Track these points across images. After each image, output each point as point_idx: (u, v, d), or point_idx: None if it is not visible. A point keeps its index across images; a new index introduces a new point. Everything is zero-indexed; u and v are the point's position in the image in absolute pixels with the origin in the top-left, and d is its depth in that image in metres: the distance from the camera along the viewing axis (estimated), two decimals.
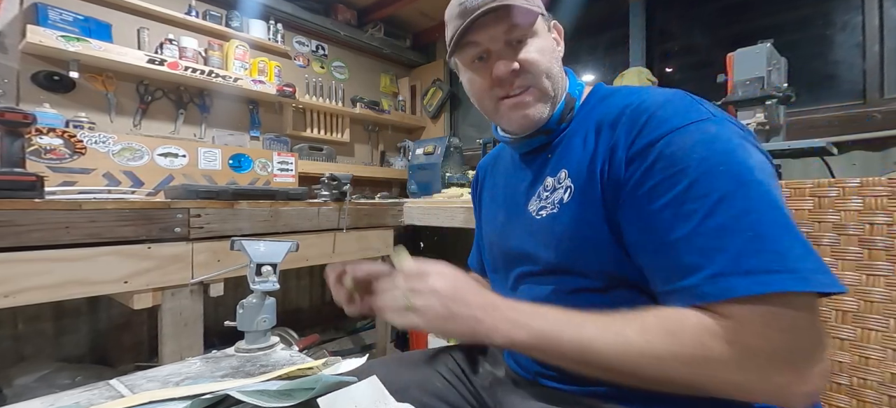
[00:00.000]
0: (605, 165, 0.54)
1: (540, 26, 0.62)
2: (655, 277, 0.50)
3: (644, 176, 0.50)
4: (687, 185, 0.46)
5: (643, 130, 0.51)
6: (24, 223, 1.02)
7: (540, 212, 0.62)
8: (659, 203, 0.48)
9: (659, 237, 0.48)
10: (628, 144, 0.52)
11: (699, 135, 0.48)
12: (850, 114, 1.61)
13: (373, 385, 0.53)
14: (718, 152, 0.47)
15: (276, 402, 0.47)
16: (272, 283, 0.72)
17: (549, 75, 0.62)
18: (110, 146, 1.63)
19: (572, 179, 0.58)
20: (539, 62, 0.60)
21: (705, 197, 0.45)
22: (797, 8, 1.80)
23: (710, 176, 0.46)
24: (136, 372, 0.62)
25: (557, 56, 0.65)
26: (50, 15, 1.65)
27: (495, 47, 0.61)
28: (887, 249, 0.64)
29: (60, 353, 1.65)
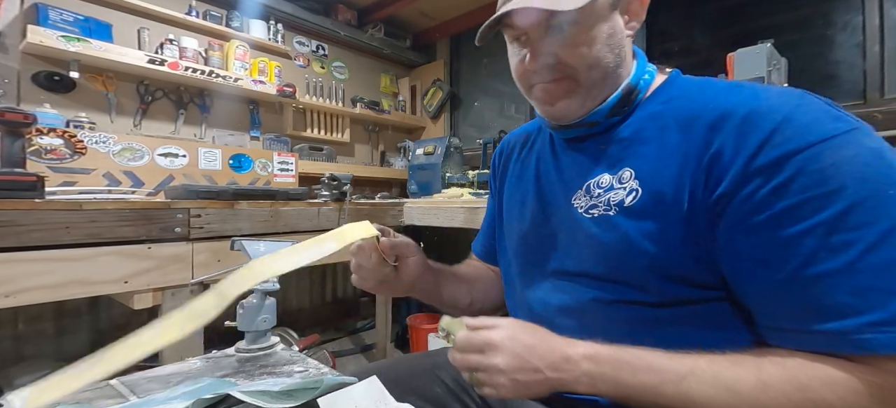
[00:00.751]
0: (700, 173, 0.46)
1: (597, 8, 0.52)
2: (774, 314, 0.42)
3: (774, 194, 0.41)
4: (842, 209, 0.38)
5: (772, 137, 0.42)
6: (25, 223, 1.02)
7: (590, 211, 0.54)
8: (796, 229, 0.40)
9: (791, 269, 0.40)
10: (749, 153, 0.43)
11: (855, 149, 0.40)
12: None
13: (373, 385, 0.53)
14: (883, 172, 0.39)
15: (278, 402, 0.47)
16: (272, 283, 0.72)
17: (596, 66, 0.53)
18: (111, 146, 1.63)
19: (640, 181, 0.51)
20: (581, 55, 0.52)
21: (867, 226, 0.37)
22: (797, 8, 1.80)
23: (874, 200, 0.38)
24: (137, 372, 0.62)
25: (615, 43, 0.53)
26: (50, 15, 1.65)
27: (534, 35, 0.54)
28: None
29: (61, 353, 1.65)
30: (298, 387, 0.50)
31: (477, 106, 2.95)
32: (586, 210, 0.55)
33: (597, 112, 0.55)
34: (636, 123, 0.55)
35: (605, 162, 0.55)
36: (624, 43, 0.55)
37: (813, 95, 0.46)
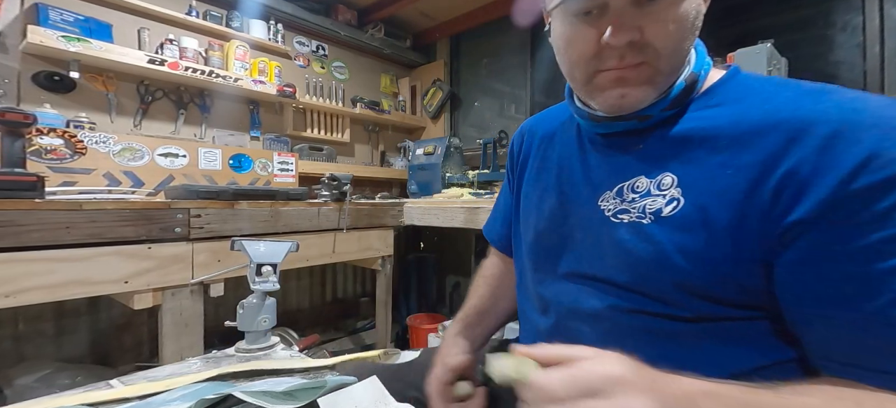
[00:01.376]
0: (766, 192, 0.40)
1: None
2: (848, 349, 0.38)
3: (872, 224, 0.36)
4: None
5: (875, 157, 0.36)
6: (25, 223, 1.02)
7: (619, 215, 0.49)
8: (890, 263, 0.35)
9: (882, 304, 0.35)
10: (842, 175, 0.37)
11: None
12: None
13: (373, 385, 0.53)
14: None
15: (280, 402, 0.47)
16: (272, 283, 0.72)
17: (678, 50, 0.46)
18: (111, 146, 1.63)
19: (684, 190, 0.45)
20: (671, 36, 0.44)
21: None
22: (797, 8, 1.80)
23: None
24: (137, 372, 0.62)
25: (697, 25, 0.46)
26: (50, 15, 1.65)
27: (618, 5, 0.44)
28: None
29: (61, 353, 1.65)
30: (300, 387, 0.50)
31: (477, 106, 2.95)
32: (615, 214, 0.50)
33: (656, 104, 0.48)
34: (687, 123, 0.48)
35: (644, 164, 0.49)
36: (697, 30, 0.47)
37: (869, 96, 0.39)
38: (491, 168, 2.36)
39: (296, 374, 0.59)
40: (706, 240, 0.43)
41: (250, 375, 0.58)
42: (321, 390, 0.49)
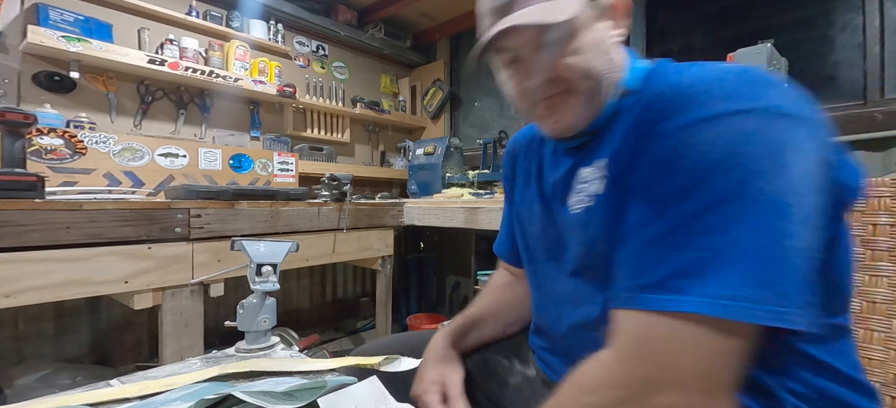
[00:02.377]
0: (628, 156, 0.49)
1: (583, 19, 0.52)
2: (616, 277, 0.47)
3: (646, 168, 0.45)
4: (681, 188, 0.41)
5: (666, 115, 0.44)
6: (25, 223, 1.02)
7: (575, 207, 0.56)
8: (648, 196, 0.44)
9: (634, 232, 0.45)
10: (647, 129, 0.46)
11: (724, 131, 0.40)
12: (850, 114, 1.61)
13: (373, 385, 0.53)
14: (734, 156, 0.40)
15: (280, 403, 0.47)
16: (272, 283, 0.72)
17: (592, 74, 0.53)
18: (111, 146, 1.63)
19: (609, 167, 0.52)
20: (575, 67, 0.52)
21: (687, 203, 0.40)
22: (798, 8, 1.80)
23: (706, 183, 0.40)
24: (137, 372, 0.62)
25: (606, 47, 0.54)
26: (51, 15, 1.66)
27: (526, 54, 0.54)
28: (890, 250, 0.64)
29: (61, 353, 1.65)
30: (300, 388, 0.50)
31: (477, 106, 2.95)
32: (574, 206, 0.56)
33: (597, 120, 0.55)
34: (616, 122, 0.55)
35: (588, 157, 0.56)
36: (612, 49, 0.55)
37: (745, 70, 0.45)
38: (491, 168, 2.36)
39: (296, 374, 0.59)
40: (621, 201, 0.49)
41: (250, 375, 0.58)
42: (321, 390, 0.49)
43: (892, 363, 0.64)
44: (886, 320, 0.64)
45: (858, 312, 0.67)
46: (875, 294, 0.66)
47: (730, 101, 0.41)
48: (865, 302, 0.67)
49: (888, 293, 0.64)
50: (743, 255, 0.38)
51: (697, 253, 0.39)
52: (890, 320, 0.64)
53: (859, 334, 0.67)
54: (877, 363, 0.65)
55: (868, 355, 0.66)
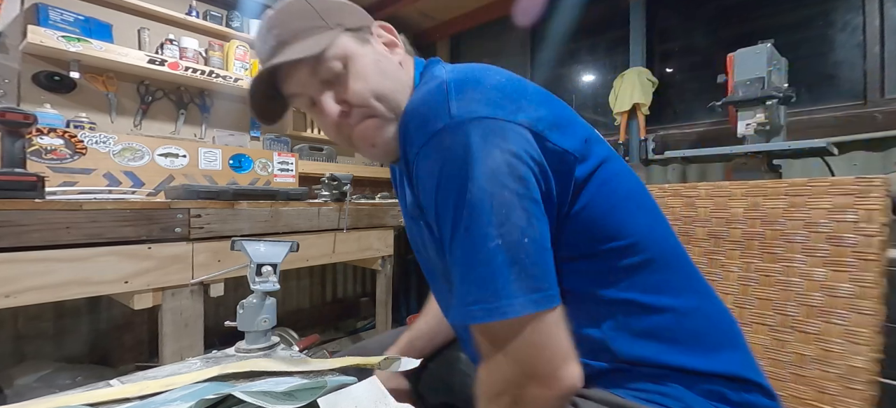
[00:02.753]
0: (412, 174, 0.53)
1: (350, 47, 0.55)
2: None
3: (415, 194, 0.51)
4: (435, 215, 0.48)
5: (406, 144, 0.50)
6: (25, 223, 1.02)
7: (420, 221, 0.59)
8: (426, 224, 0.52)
9: None
10: (405, 157, 0.52)
11: (434, 156, 0.46)
12: (850, 114, 1.61)
13: (373, 385, 0.53)
14: (446, 177, 0.45)
15: (280, 403, 0.47)
16: (272, 283, 0.72)
17: (381, 96, 0.54)
18: (111, 146, 1.63)
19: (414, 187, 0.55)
20: (361, 89, 0.54)
21: (443, 227, 0.47)
22: (798, 8, 1.80)
23: (442, 206, 0.46)
24: (137, 372, 0.62)
25: (385, 68, 0.56)
26: (51, 15, 1.66)
27: (313, 93, 0.55)
28: (853, 246, 0.67)
29: (61, 353, 1.65)
30: (301, 388, 0.50)
31: None
32: (413, 223, 0.61)
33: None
34: None
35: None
36: (396, 69, 0.58)
37: (438, 84, 0.49)
38: None
39: (296, 374, 0.59)
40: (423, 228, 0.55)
41: (250, 375, 0.58)
42: (321, 390, 0.49)
43: (850, 356, 0.66)
44: (847, 314, 0.67)
45: (821, 305, 0.70)
46: (838, 289, 0.69)
47: (429, 122, 0.46)
48: (828, 296, 0.70)
49: (849, 287, 0.67)
50: (464, 268, 0.45)
51: (454, 270, 0.47)
52: (850, 313, 0.67)
53: (821, 326, 0.70)
54: (836, 355, 0.68)
55: (829, 348, 0.69)
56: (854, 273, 0.67)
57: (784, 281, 0.74)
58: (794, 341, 0.72)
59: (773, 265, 0.76)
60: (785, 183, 0.76)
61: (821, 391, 0.69)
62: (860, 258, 0.67)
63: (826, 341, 0.69)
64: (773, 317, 0.75)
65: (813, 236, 0.71)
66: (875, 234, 0.65)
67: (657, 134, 2.13)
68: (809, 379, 0.70)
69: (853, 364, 0.66)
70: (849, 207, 0.68)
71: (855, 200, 0.68)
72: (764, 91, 1.37)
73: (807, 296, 0.71)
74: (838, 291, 0.68)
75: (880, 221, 0.66)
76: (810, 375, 0.70)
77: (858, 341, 0.65)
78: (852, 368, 0.66)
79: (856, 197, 0.68)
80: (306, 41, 0.53)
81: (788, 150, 1.35)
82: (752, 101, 1.39)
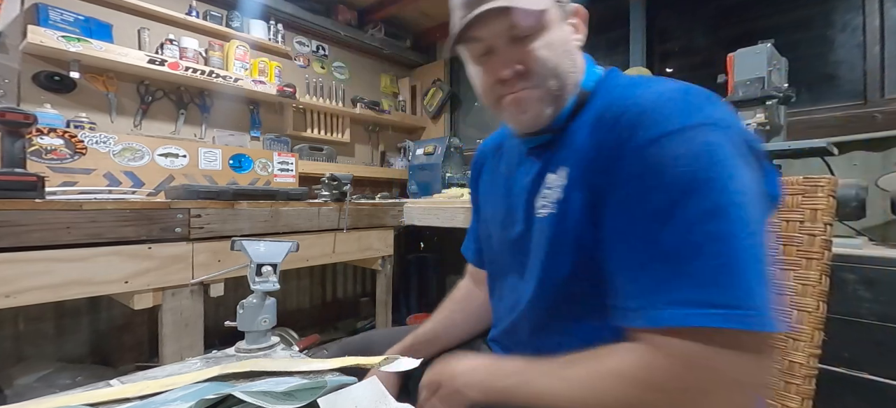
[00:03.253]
0: (592, 163, 0.51)
1: (551, 17, 0.56)
2: (616, 293, 0.49)
3: (631, 181, 0.47)
4: (670, 201, 0.43)
5: (634, 131, 0.47)
6: (25, 223, 1.02)
7: (541, 211, 0.58)
8: (637, 212, 0.46)
9: (635, 249, 0.46)
10: (616, 143, 0.48)
11: (686, 146, 0.44)
12: (850, 114, 1.61)
13: (373, 385, 0.53)
14: (700, 170, 0.43)
15: (280, 403, 0.47)
16: (272, 283, 0.72)
17: (557, 74, 0.56)
18: (111, 146, 1.63)
19: (569, 176, 0.55)
20: (545, 61, 0.55)
21: (682, 216, 0.43)
22: (798, 8, 1.80)
23: (685, 198, 0.43)
24: (137, 372, 0.62)
25: (570, 48, 0.58)
26: (51, 15, 1.66)
27: (498, 44, 0.56)
28: (798, 245, 0.69)
29: (61, 353, 1.65)
30: (300, 388, 0.50)
31: (477, 106, 2.95)
32: (538, 210, 0.59)
33: (559, 118, 0.59)
34: (577, 124, 0.58)
35: (553, 163, 0.59)
36: (575, 51, 0.59)
37: (688, 88, 0.49)
38: None
39: (296, 374, 0.59)
40: (581, 215, 0.52)
41: (250, 375, 0.58)
42: (321, 390, 0.49)
43: (791, 352, 0.68)
44: (790, 310, 0.69)
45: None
46: (783, 287, 0.70)
47: (679, 115, 0.45)
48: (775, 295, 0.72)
49: (794, 285, 0.69)
50: (747, 268, 0.41)
51: (706, 266, 0.41)
52: (793, 310, 0.69)
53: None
54: (778, 352, 0.70)
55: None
56: (798, 271, 0.68)
57: None
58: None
59: None
60: None
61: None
62: (804, 257, 0.68)
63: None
64: None
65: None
66: (819, 233, 0.67)
67: None
68: None
69: (793, 360, 0.67)
70: (796, 206, 0.70)
71: (802, 199, 0.69)
72: (764, 91, 1.36)
73: None
74: (784, 289, 0.69)
75: (824, 220, 0.67)
76: None
77: (799, 338, 0.67)
78: (792, 363, 0.67)
79: (803, 196, 0.69)
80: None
81: (788, 150, 1.35)
82: (752, 101, 1.39)
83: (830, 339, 0.70)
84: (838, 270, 1.04)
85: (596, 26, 2.05)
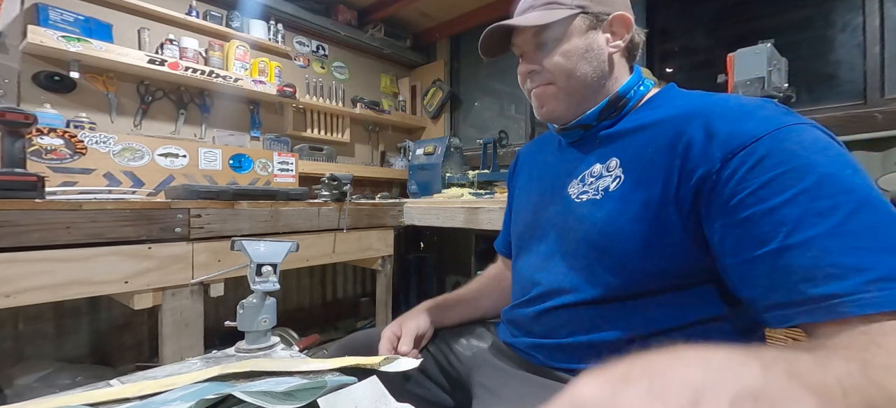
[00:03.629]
0: (676, 159, 0.51)
1: (575, 28, 0.63)
2: (766, 291, 0.43)
3: (751, 172, 0.44)
4: (816, 180, 0.41)
5: (739, 126, 0.47)
6: (25, 223, 1.02)
7: (581, 196, 0.62)
8: (775, 201, 0.42)
9: (780, 238, 0.41)
10: (721, 139, 0.47)
11: (813, 135, 0.44)
12: (850, 114, 1.61)
13: (373, 385, 0.53)
14: (840, 154, 0.43)
15: (280, 403, 0.47)
16: (272, 283, 0.72)
17: (573, 76, 0.63)
18: (111, 146, 1.63)
19: (624, 168, 0.58)
20: (559, 65, 0.63)
21: (844, 194, 0.40)
22: (798, 8, 1.80)
23: (840, 175, 0.41)
24: (137, 372, 0.62)
25: (593, 57, 0.63)
26: (51, 15, 1.65)
27: (526, 49, 0.67)
28: None
29: (61, 353, 1.65)
30: (300, 388, 0.50)
31: (477, 106, 2.95)
32: (577, 196, 0.63)
33: (587, 116, 0.65)
34: (627, 123, 0.63)
35: (597, 155, 0.63)
36: (604, 57, 0.64)
37: (760, 100, 0.51)
38: (491, 168, 2.36)
39: (296, 374, 0.59)
40: (646, 206, 0.53)
41: (250, 375, 0.58)
42: (321, 390, 0.49)
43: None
44: None
45: None
46: None
47: (771, 119, 0.46)
48: None
49: None
50: (877, 244, 0.38)
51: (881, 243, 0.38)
52: None
53: None
54: None
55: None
56: None
57: None
58: None
59: None
60: None
61: None
62: None
63: (770, 340, 0.72)
64: None
65: None
66: None
67: None
68: None
69: None
70: None
71: None
72: (764, 91, 1.36)
73: None
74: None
75: None
76: None
77: (799, 337, 0.67)
78: None
79: None
80: (545, 11, 0.62)
81: None
82: None
83: None
84: None
85: None
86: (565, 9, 0.62)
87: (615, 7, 0.64)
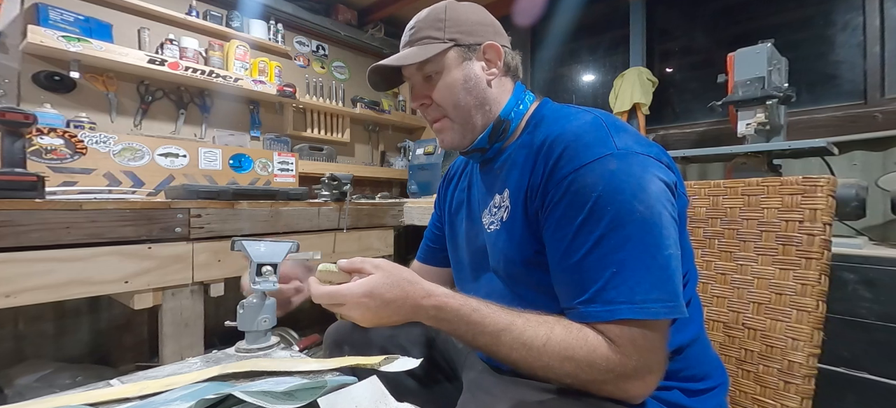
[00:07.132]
0: (530, 190, 0.60)
1: (451, 60, 0.67)
2: (559, 295, 0.58)
3: (557, 206, 0.56)
4: (581, 220, 0.53)
5: (559, 162, 0.57)
6: (25, 223, 1.02)
7: (490, 226, 0.68)
8: (564, 232, 0.55)
9: (562, 261, 0.55)
10: (547, 173, 0.58)
11: (599, 172, 0.53)
12: (850, 114, 1.61)
13: (373, 385, 0.53)
14: (610, 191, 0.52)
15: (280, 403, 0.47)
16: (272, 283, 0.72)
17: (459, 106, 0.67)
18: (111, 146, 1.63)
19: (510, 200, 0.64)
20: (445, 97, 0.68)
21: (591, 234, 0.52)
22: (798, 8, 1.80)
23: (598, 214, 0.52)
24: (137, 372, 0.62)
25: (472, 86, 0.67)
26: (51, 15, 1.66)
27: (414, 82, 0.71)
28: (798, 245, 0.69)
29: (61, 353, 1.65)
30: (300, 387, 0.50)
31: None
32: (488, 225, 0.69)
33: (479, 141, 0.69)
34: (511, 149, 0.68)
35: (499, 185, 0.68)
36: (484, 85, 0.68)
37: (598, 122, 0.58)
38: None
39: (296, 374, 0.59)
40: (521, 233, 0.62)
41: (250, 375, 0.58)
42: (321, 390, 0.49)
43: (791, 351, 0.69)
44: (790, 310, 0.70)
45: (768, 302, 0.74)
46: (784, 286, 0.72)
47: (593, 147, 0.55)
48: (775, 294, 0.73)
49: (794, 285, 0.71)
50: (631, 271, 0.50)
51: (609, 270, 0.51)
52: (792, 309, 0.70)
53: (766, 323, 0.74)
54: (778, 351, 0.71)
55: (771, 343, 0.72)
56: (798, 271, 0.69)
57: (739, 279, 0.77)
58: (743, 337, 0.75)
59: (729, 264, 0.79)
60: (742, 183, 0.78)
61: (764, 386, 0.71)
62: (804, 257, 0.69)
63: (770, 337, 0.71)
64: (728, 314, 0.78)
65: (765, 236, 0.74)
66: (818, 233, 0.68)
67: (657, 134, 2.13)
68: (753, 374, 0.72)
69: (792, 360, 0.68)
70: (796, 206, 0.70)
71: (801, 199, 0.70)
72: (764, 91, 1.37)
73: (757, 294, 0.74)
74: (784, 289, 0.70)
75: (823, 220, 0.68)
76: (754, 370, 0.72)
77: (798, 337, 0.67)
78: (791, 363, 0.68)
79: (802, 196, 0.70)
80: (421, 47, 0.67)
81: (788, 149, 1.35)
82: (752, 100, 1.39)
83: (830, 339, 0.70)
84: (838, 270, 1.04)
85: (596, 26, 2.10)
86: (439, 43, 0.66)
87: (485, 37, 0.68)
